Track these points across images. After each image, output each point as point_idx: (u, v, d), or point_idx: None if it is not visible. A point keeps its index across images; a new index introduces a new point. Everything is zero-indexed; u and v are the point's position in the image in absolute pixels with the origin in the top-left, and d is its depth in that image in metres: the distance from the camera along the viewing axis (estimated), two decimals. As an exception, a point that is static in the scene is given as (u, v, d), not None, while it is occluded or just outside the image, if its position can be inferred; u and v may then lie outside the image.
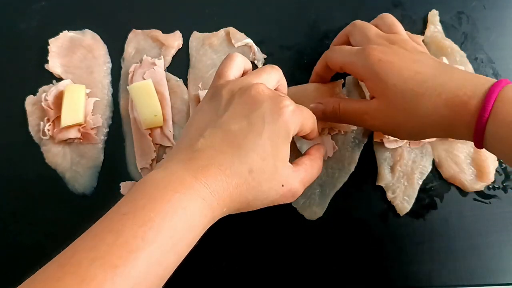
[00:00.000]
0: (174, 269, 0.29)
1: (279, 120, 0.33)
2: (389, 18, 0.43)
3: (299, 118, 0.34)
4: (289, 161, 0.35)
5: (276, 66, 0.38)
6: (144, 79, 0.47)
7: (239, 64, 0.38)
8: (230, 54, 0.38)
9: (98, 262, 0.25)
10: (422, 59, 0.36)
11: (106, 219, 0.29)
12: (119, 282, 0.25)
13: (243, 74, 0.39)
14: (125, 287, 0.25)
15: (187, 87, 0.49)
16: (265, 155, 0.32)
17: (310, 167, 0.37)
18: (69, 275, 0.25)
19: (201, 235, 0.31)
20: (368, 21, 0.51)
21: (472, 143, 0.46)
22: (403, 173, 0.45)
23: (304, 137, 0.39)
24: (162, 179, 0.30)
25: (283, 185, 0.34)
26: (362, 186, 0.45)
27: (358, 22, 0.43)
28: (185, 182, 0.30)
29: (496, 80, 0.32)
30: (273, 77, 0.37)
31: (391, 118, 0.36)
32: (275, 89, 0.37)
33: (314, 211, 0.44)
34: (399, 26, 0.42)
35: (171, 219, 0.28)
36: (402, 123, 0.36)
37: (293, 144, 0.45)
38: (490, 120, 0.31)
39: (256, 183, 0.32)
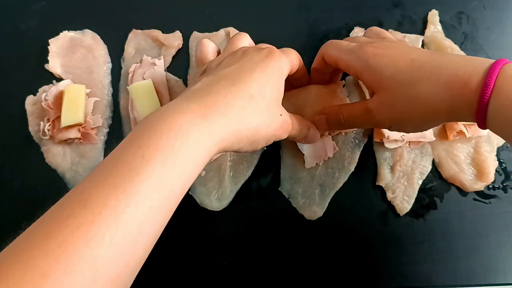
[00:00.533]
0: (185, 189, 0.29)
1: (268, 58, 0.35)
2: (376, 29, 0.43)
3: (285, 56, 0.37)
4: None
5: (243, 33, 0.41)
6: (144, 79, 0.47)
7: (212, 47, 0.41)
8: (199, 41, 0.41)
9: (101, 184, 0.25)
10: (415, 49, 0.36)
11: (110, 154, 0.29)
12: (124, 199, 0.25)
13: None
14: (132, 203, 0.25)
15: (187, 87, 0.49)
16: (262, 84, 0.34)
17: (300, 120, 0.39)
18: (75, 201, 0.25)
19: (209, 155, 0.30)
20: (368, 20, 0.52)
21: (472, 142, 0.46)
22: (403, 173, 0.45)
23: (294, 77, 0.42)
24: (160, 109, 0.30)
25: (281, 115, 0.36)
26: (362, 186, 0.45)
27: (347, 38, 0.43)
28: (182, 107, 0.30)
29: (494, 60, 0.32)
30: (244, 42, 0.40)
31: (394, 110, 0.36)
32: None
33: (314, 211, 0.44)
34: (387, 33, 0.42)
35: (168, 136, 0.28)
36: (406, 113, 0.35)
37: (293, 144, 0.45)
38: (492, 98, 0.30)
39: (259, 107, 0.33)
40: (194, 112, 0.30)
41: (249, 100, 0.32)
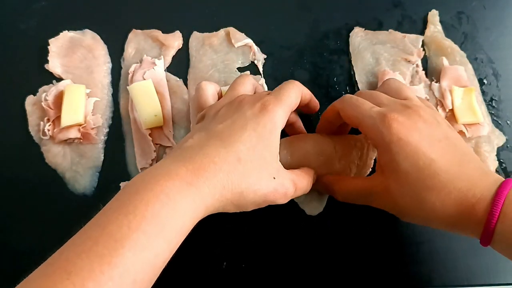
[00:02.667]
0: (168, 257, 0.29)
1: (261, 114, 0.34)
2: (395, 83, 0.40)
3: (282, 107, 0.35)
4: None
5: (246, 74, 0.41)
6: (144, 79, 0.47)
7: (211, 90, 0.41)
8: (197, 85, 0.41)
9: (85, 255, 0.25)
10: (440, 137, 0.34)
11: (94, 218, 0.29)
12: (107, 271, 0.25)
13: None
14: (115, 275, 0.25)
15: (187, 87, 0.49)
16: (251, 145, 0.33)
17: (301, 175, 0.37)
18: (58, 271, 0.25)
19: (194, 222, 0.30)
20: (368, 20, 0.52)
21: (472, 142, 0.46)
22: (403, 173, 0.45)
23: (302, 106, 0.41)
24: (148, 172, 0.31)
25: (274, 178, 0.34)
26: (362, 186, 0.45)
27: (365, 90, 0.40)
28: (170, 172, 0.30)
29: (503, 180, 0.31)
30: (247, 85, 0.39)
31: (397, 202, 0.35)
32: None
33: (315, 206, 0.44)
34: (407, 90, 0.38)
35: (154, 205, 0.28)
36: (408, 210, 0.35)
37: None
38: (498, 224, 0.30)
39: (246, 171, 0.32)
40: (181, 178, 0.30)
41: (235, 164, 0.32)
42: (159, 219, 0.28)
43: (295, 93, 0.37)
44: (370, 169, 0.43)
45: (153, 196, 0.28)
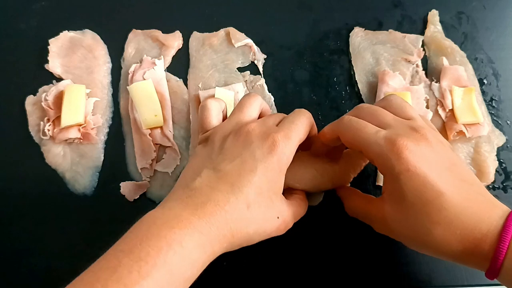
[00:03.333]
0: None
1: (270, 156, 0.33)
2: (397, 100, 0.37)
3: (290, 146, 0.34)
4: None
5: (254, 94, 0.39)
6: (144, 79, 0.47)
7: (216, 110, 0.39)
8: (202, 103, 0.39)
9: None
10: (447, 164, 0.33)
11: (103, 257, 0.29)
12: None
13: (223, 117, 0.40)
14: None
15: (187, 87, 0.49)
16: (260, 190, 0.33)
17: (299, 205, 0.38)
18: None
19: (202, 270, 0.31)
20: (368, 20, 0.52)
21: (472, 142, 0.46)
22: (403, 173, 0.45)
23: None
24: (160, 216, 0.31)
25: (278, 217, 0.34)
26: (362, 186, 0.45)
27: (364, 105, 0.38)
28: (182, 218, 0.30)
29: (509, 211, 0.31)
30: (254, 107, 0.38)
31: (401, 231, 0.34)
32: (260, 113, 0.39)
33: (315, 197, 0.44)
34: (411, 108, 0.37)
35: (167, 253, 0.28)
36: (411, 240, 0.34)
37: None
38: (506, 260, 0.29)
39: (254, 216, 0.33)
40: (194, 227, 0.30)
41: (245, 211, 0.32)
42: (170, 267, 0.28)
43: (305, 127, 0.36)
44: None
45: (165, 244, 0.28)
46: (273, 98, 0.48)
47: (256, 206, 0.33)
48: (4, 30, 0.51)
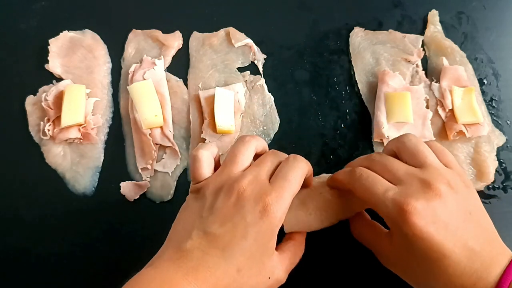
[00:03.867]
0: None
1: (261, 221, 0.32)
2: (411, 141, 0.36)
3: (283, 206, 0.33)
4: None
5: (248, 138, 0.37)
6: (144, 79, 0.47)
7: (207, 160, 0.37)
8: (193, 154, 0.37)
9: None
10: (458, 221, 0.33)
11: None
12: None
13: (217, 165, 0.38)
14: None
15: (187, 87, 0.49)
16: (251, 254, 0.32)
17: (294, 254, 0.37)
18: None
19: None
20: (368, 20, 0.52)
21: (472, 142, 0.46)
22: (403, 173, 0.45)
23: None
24: (153, 278, 0.31)
25: (269, 278, 0.34)
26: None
27: (377, 155, 0.37)
28: (174, 282, 0.30)
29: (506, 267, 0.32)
30: (248, 155, 0.36)
31: (403, 273, 0.36)
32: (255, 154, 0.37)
33: None
34: (425, 152, 0.35)
35: None
36: (412, 282, 0.36)
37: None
38: None
39: (245, 280, 0.32)
40: None
41: (235, 276, 0.32)
42: None
43: (299, 180, 0.35)
44: None
45: None
46: (273, 98, 0.48)
47: (247, 270, 0.32)
48: (4, 30, 0.51)
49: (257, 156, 0.38)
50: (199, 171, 0.36)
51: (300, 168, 0.35)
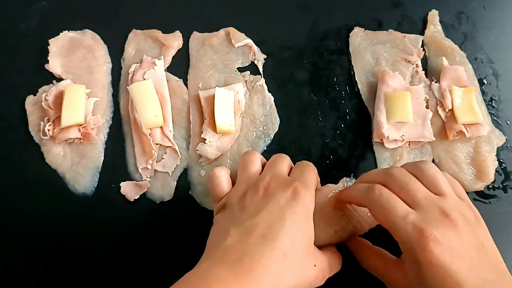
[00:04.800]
0: None
1: (295, 201, 0.34)
2: (430, 171, 0.36)
3: (311, 193, 0.35)
4: None
5: (251, 150, 0.40)
6: (144, 79, 0.47)
7: (225, 176, 0.39)
8: (211, 173, 0.39)
9: None
10: (473, 252, 0.33)
11: None
12: None
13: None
14: None
15: (187, 87, 0.49)
16: (293, 237, 0.32)
17: (334, 254, 0.37)
18: None
19: None
20: (368, 20, 0.52)
21: (472, 142, 0.46)
22: (403, 173, 0.45)
23: None
24: (196, 277, 0.30)
25: (315, 265, 0.34)
26: (362, 186, 0.45)
27: (397, 171, 0.36)
28: (218, 277, 0.30)
29: None
30: (257, 162, 0.39)
31: None
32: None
33: None
34: (443, 183, 0.35)
35: None
36: None
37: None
38: None
39: (292, 265, 0.32)
40: (230, 285, 0.29)
41: (283, 260, 0.31)
42: None
43: (315, 176, 0.38)
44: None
45: None
46: (273, 98, 0.48)
47: (293, 254, 0.32)
48: (4, 30, 0.51)
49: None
50: (219, 186, 0.38)
51: (314, 169, 0.38)
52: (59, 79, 0.49)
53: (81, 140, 0.46)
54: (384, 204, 0.34)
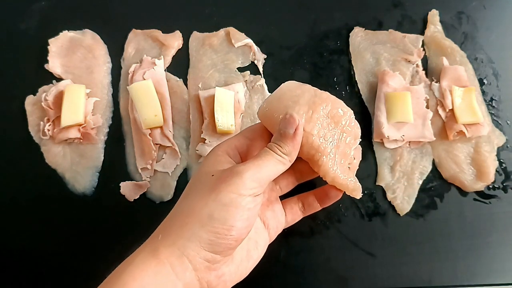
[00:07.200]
0: None
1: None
2: None
3: None
4: None
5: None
6: (144, 79, 0.47)
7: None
8: None
9: None
10: None
11: None
12: None
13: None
14: None
15: (187, 87, 0.49)
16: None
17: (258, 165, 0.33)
18: None
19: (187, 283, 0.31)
20: (368, 20, 0.52)
21: (472, 142, 0.46)
22: (403, 173, 0.45)
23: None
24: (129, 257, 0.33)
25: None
26: (362, 186, 0.45)
27: None
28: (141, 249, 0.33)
29: None
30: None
31: None
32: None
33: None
34: None
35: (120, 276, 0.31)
36: None
37: None
38: None
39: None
40: (151, 248, 0.33)
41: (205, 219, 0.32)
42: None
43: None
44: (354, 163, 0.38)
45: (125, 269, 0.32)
46: (273, 98, 0.48)
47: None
48: (4, 30, 0.51)
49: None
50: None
51: None
52: (59, 79, 0.49)
53: (81, 140, 0.46)
54: None
